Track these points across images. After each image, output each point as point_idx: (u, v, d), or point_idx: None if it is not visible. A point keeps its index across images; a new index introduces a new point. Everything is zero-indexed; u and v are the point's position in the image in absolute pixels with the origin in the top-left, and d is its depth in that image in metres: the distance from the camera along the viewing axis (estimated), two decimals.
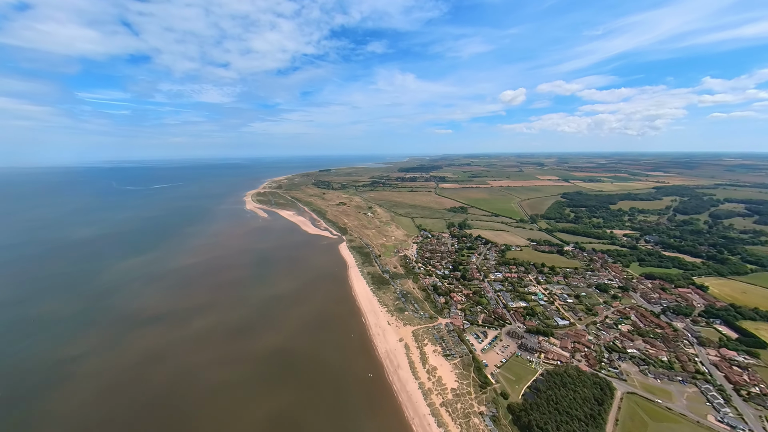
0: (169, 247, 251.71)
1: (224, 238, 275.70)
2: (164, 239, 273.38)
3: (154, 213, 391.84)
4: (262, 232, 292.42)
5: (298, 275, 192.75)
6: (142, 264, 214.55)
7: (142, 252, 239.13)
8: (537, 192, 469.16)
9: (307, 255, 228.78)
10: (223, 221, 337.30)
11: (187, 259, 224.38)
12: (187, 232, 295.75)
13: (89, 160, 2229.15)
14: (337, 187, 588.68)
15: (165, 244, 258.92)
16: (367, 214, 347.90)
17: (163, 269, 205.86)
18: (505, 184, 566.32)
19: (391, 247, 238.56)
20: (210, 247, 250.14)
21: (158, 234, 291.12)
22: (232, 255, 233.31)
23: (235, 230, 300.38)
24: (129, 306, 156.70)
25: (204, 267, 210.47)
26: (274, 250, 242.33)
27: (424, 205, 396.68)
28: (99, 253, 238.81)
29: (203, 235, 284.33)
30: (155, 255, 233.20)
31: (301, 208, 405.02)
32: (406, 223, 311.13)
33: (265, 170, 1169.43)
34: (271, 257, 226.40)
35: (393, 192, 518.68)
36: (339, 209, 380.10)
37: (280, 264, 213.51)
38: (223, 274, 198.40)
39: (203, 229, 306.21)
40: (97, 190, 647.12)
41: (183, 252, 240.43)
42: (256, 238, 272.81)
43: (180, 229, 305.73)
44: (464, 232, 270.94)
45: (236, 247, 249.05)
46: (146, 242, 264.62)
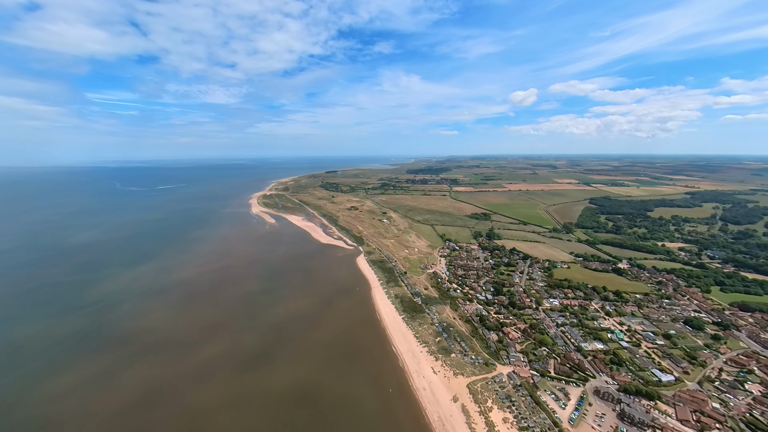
0: (171, 256, 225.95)
1: (230, 247, 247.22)
2: (166, 247, 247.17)
3: (156, 216, 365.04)
4: (271, 240, 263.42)
5: (313, 295, 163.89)
6: (142, 275, 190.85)
7: (143, 260, 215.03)
8: (560, 197, 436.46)
9: (321, 269, 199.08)
10: (228, 227, 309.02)
11: (191, 270, 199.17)
12: (191, 239, 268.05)
13: (96, 160, 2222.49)
14: (346, 190, 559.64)
15: (167, 253, 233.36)
16: (383, 221, 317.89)
17: (165, 282, 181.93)
18: (522, 187, 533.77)
19: (415, 261, 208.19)
20: (215, 257, 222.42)
21: (160, 240, 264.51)
22: (239, 266, 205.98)
23: (241, 238, 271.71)
24: (127, 327, 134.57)
25: (210, 280, 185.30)
26: (284, 261, 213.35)
27: (442, 211, 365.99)
28: (97, 261, 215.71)
29: (207, 243, 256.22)
30: (156, 265, 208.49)
31: (310, 212, 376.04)
32: (426, 232, 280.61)
33: (271, 171, 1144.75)
34: (282, 270, 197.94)
35: (405, 195, 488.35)
36: (351, 215, 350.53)
37: (293, 279, 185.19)
38: (231, 288, 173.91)
39: (207, 235, 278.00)
40: (100, 191, 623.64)
41: (186, 262, 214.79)
42: (264, 247, 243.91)
43: (183, 236, 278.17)
44: (495, 243, 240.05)
45: (243, 258, 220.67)
46: (147, 249, 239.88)
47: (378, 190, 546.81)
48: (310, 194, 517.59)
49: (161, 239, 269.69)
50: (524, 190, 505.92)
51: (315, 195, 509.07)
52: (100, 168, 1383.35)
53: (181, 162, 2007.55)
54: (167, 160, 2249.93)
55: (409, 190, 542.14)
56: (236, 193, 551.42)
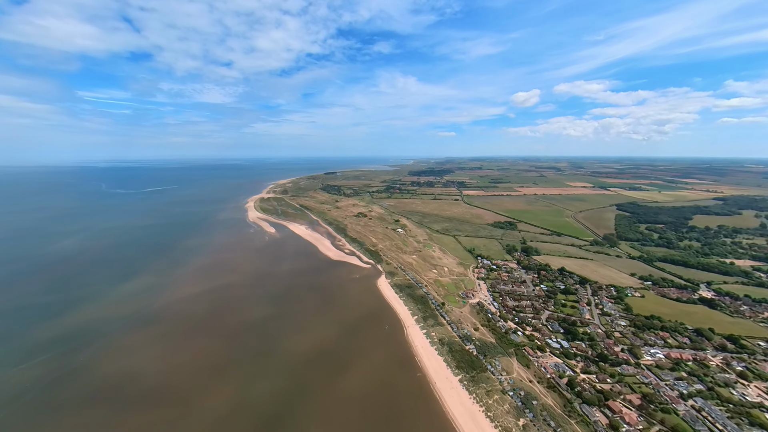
0: (159, 272, 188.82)
1: (224, 263, 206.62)
2: (153, 260, 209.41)
3: (142, 222, 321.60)
4: (271, 255, 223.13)
5: (332, 328, 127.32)
6: (126, 296, 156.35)
7: (127, 277, 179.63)
8: (582, 202, 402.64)
9: (336, 296, 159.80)
10: (222, 238, 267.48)
11: (183, 291, 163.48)
12: (180, 252, 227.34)
13: (87, 160, 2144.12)
14: (350, 193, 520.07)
15: (154, 268, 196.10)
16: (397, 231, 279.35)
17: (153, 306, 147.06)
18: (535, 191, 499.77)
19: (450, 286, 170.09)
20: (208, 276, 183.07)
21: (146, 252, 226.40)
22: (237, 287, 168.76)
23: (236, 252, 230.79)
24: (105, 373, 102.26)
25: (205, 304, 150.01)
26: (290, 283, 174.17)
27: (459, 218, 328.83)
28: (74, 277, 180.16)
29: (199, 257, 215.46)
30: (142, 283, 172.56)
31: (313, 219, 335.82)
32: (450, 245, 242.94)
33: (268, 172, 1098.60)
34: (289, 295, 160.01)
35: (414, 200, 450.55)
36: (360, 222, 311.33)
37: (303, 306, 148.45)
38: (231, 315, 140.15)
39: (198, 248, 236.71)
40: (84, 193, 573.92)
41: (176, 280, 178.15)
42: (265, 265, 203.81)
43: (171, 247, 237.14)
44: (535, 260, 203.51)
45: (241, 277, 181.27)
46: (132, 263, 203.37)
47: (383, 194, 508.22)
48: (312, 198, 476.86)
49: (147, 251, 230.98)
50: (539, 194, 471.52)
51: (317, 199, 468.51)
52: (89, 168, 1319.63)
53: (175, 162, 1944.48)
54: (160, 160, 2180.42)
55: (416, 194, 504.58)
56: (231, 196, 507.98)
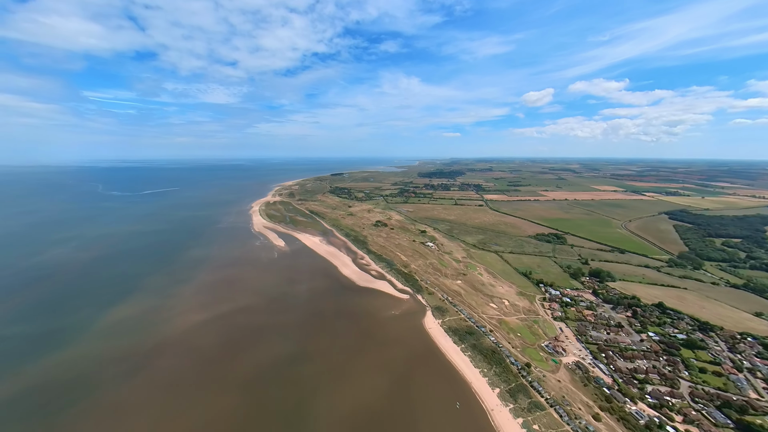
0: (153, 294, 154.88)
1: (228, 284, 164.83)
2: (145, 277, 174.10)
3: (135, 230, 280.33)
4: (282, 278, 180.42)
5: (378, 383, 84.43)
6: (114, 327, 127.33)
7: (116, 299, 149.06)
8: (624, 209, 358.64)
9: (373, 347, 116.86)
10: (223, 253, 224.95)
11: (183, 320, 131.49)
12: (175, 268, 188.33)
13: (90, 159, 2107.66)
14: (361, 197, 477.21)
15: (147, 287, 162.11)
16: (428, 245, 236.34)
17: (146, 342, 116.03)
18: (564, 195, 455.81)
19: (522, 329, 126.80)
20: (212, 298, 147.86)
21: (137, 267, 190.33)
22: (249, 315, 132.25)
23: (241, 271, 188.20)
24: None
25: (213, 337, 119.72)
26: (309, 312, 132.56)
27: (493, 228, 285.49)
28: (54, 300, 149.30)
29: (198, 275, 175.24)
30: (133, 308, 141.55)
31: (326, 229, 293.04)
32: (496, 264, 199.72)
33: (272, 173, 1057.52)
34: (311, 328, 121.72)
35: (434, 205, 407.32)
36: (381, 234, 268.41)
37: (333, 344, 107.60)
38: (246, 354, 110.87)
39: (196, 263, 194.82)
40: (77, 195, 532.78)
41: (174, 304, 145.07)
42: (276, 289, 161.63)
43: (166, 262, 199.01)
44: (613, 288, 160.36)
45: (251, 302, 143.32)
46: (122, 280, 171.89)
47: (398, 198, 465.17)
48: (321, 202, 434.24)
49: (142, 265, 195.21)
50: (570, 199, 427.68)
51: (327, 203, 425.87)
52: (90, 168, 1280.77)
53: (178, 162, 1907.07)
54: (163, 160, 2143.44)
55: (434, 198, 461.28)
56: (234, 200, 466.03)
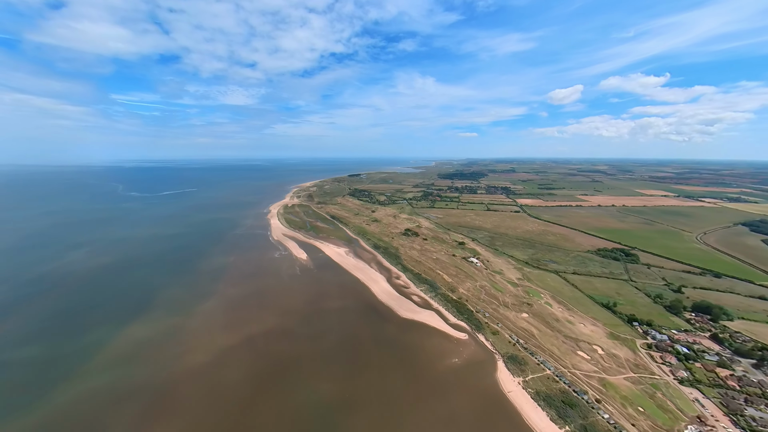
0: (170, 307, 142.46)
1: (243, 309, 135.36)
2: (161, 289, 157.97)
3: (151, 234, 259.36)
4: (308, 299, 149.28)
5: None
6: (128, 352, 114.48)
7: (131, 316, 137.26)
8: (688, 218, 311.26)
9: (431, 405, 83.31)
10: (239, 268, 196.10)
11: (205, 345, 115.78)
12: (191, 279, 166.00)
13: (117, 159, 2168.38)
14: (383, 201, 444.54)
15: (163, 301, 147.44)
16: (472, 261, 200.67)
17: (164, 374, 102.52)
18: (610, 200, 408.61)
19: (640, 398, 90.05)
20: (233, 318, 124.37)
21: (152, 276, 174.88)
22: (278, 341, 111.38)
23: (258, 292, 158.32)
24: None
25: (241, 370, 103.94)
26: (347, 355, 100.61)
27: (540, 240, 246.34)
28: (63, 314, 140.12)
29: (213, 295, 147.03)
30: (149, 328, 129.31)
31: (351, 237, 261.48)
32: (562, 289, 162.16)
33: (288, 173, 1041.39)
34: (354, 366, 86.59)
35: (465, 210, 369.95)
36: (414, 245, 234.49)
37: (383, 411, 77.54)
38: (283, 395, 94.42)
39: (211, 281, 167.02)
40: (97, 195, 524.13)
41: (193, 324, 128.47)
42: (303, 316, 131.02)
43: (180, 271, 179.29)
44: (734, 331, 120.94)
45: (277, 324, 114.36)
46: (137, 291, 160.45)
47: (423, 202, 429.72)
48: (341, 206, 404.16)
49: (158, 274, 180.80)
50: (618, 205, 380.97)
51: (347, 207, 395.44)
52: (114, 168, 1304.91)
53: (197, 162, 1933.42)
54: (184, 160, 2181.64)
55: (461, 202, 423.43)
56: (251, 202, 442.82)
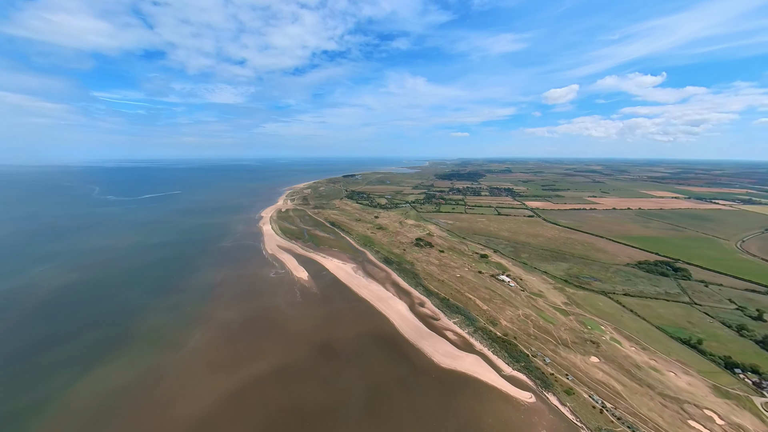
0: (149, 341, 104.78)
1: (232, 355, 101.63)
2: (137, 316, 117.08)
3: (126, 244, 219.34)
4: (314, 341, 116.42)
5: None
6: (93, 407, 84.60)
7: (98, 355, 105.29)
8: (711, 222, 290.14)
9: None
10: (222, 294, 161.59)
11: (190, 399, 77.95)
12: (171, 303, 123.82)
13: (98, 159, 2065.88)
14: (385, 204, 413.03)
15: (140, 331, 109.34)
16: (502, 279, 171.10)
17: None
18: (624, 203, 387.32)
19: None
20: (227, 359, 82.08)
21: (126, 299, 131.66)
22: (291, 388, 69.92)
23: (248, 329, 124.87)
24: None
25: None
26: (376, 425, 68.73)
27: (569, 250, 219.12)
28: (23, 353, 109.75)
29: (193, 327, 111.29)
30: (127, 371, 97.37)
31: (357, 249, 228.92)
32: (623, 318, 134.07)
33: (280, 174, 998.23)
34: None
35: (474, 215, 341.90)
36: (431, 258, 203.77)
37: None
38: None
39: (190, 309, 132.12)
40: (69, 199, 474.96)
41: (178, 364, 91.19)
42: (311, 365, 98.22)
43: (159, 292, 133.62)
44: None
45: (279, 380, 76.51)
46: (108, 318, 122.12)
47: (427, 205, 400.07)
48: (341, 210, 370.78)
49: (131, 296, 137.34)
50: (634, 208, 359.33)
51: (347, 211, 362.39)
52: (94, 168, 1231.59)
53: (184, 162, 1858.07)
54: (170, 160, 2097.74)
55: (468, 206, 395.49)
56: (241, 206, 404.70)
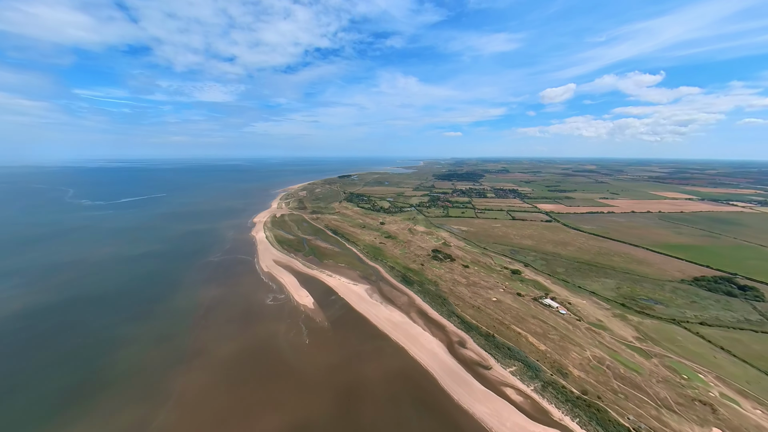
0: (122, 401, 59.74)
1: (233, 411, 68.86)
2: (103, 363, 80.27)
3: (95, 258, 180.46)
4: (323, 406, 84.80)
5: None
6: None
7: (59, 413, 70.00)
8: (739, 226, 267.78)
9: None
10: (210, 323, 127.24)
11: None
12: (140, 347, 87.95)
13: (80, 159, 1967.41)
14: (388, 208, 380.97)
15: (108, 387, 64.22)
16: (548, 304, 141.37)
17: None
18: (643, 206, 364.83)
19: None
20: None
21: (92, 336, 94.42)
22: None
23: (243, 394, 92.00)
24: None
25: None
26: None
27: (606, 263, 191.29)
28: None
29: (173, 375, 76.90)
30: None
31: (367, 264, 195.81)
32: (717, 359, 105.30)
33: (272, 175, 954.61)
34: None
35: (487, 220, 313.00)
36: (455, 276, 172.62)
37: None
38: None
39: (175, 343, 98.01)
40: (37, 204, 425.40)
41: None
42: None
43: (130, 331, 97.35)
44: None
45: None
46: (66, 360, 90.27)
47: (434, 209, 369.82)
48: (342, 215, 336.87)
49: (96, 331, 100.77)
50: (654, 211, 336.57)
51: (349, 217, 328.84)
52: (74, 168, 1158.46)
53: (171, 162, 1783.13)
54: (157, 160, 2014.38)
55: (478, 209, 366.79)
56: (231, 210, 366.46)
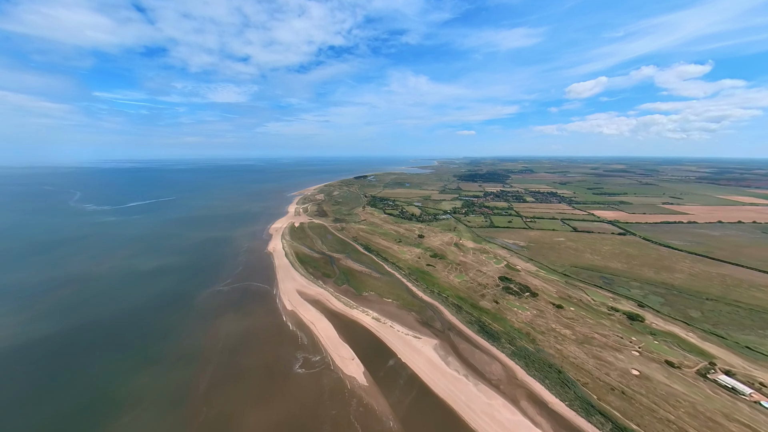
0: None
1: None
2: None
3: (92, 274, 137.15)
4: None
5: None
6: None
7: None
8: None
9: None
10: (219, 399, 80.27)
11: None
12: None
13: (97, 160, 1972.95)
14: (419, 214, 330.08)
15: None
16: (736, 389, 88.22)
17: None
18: (720, 213, 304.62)
19: None
20: None
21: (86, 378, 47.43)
22: None
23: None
24: None
25: None
26: None
27: (756, 302, 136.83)
28: None
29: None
30: None
31: (422, 300, 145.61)
32: None
33: (286, 175, 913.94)
34: None
35: (546, 232, 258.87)
36: (553, 324, 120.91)
37: None
38: None
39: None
40: (39, 210, 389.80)
41: None
42: None
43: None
44: None
45: None
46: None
47: (473, 217, 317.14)
48: (370, 224, 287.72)
49: (93, 372, 50.49)
50: (747, 221, 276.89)
51: (377, 226, 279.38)
52: (89, 169, 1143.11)
53: (185, 162, 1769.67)
54: (171, 160, 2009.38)
55: (525, 216, 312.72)
56: (244, 216, 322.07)
